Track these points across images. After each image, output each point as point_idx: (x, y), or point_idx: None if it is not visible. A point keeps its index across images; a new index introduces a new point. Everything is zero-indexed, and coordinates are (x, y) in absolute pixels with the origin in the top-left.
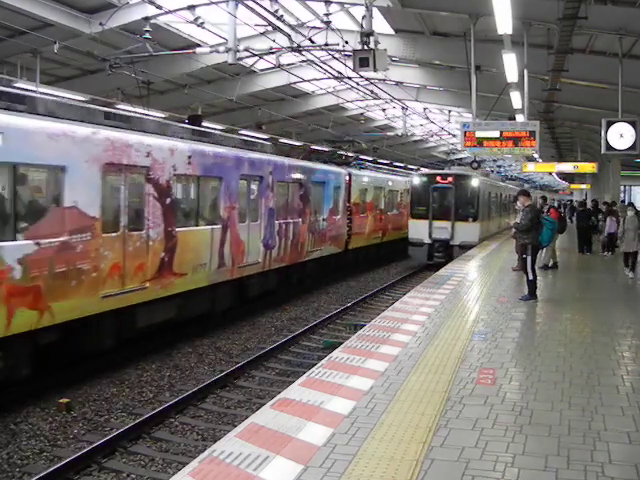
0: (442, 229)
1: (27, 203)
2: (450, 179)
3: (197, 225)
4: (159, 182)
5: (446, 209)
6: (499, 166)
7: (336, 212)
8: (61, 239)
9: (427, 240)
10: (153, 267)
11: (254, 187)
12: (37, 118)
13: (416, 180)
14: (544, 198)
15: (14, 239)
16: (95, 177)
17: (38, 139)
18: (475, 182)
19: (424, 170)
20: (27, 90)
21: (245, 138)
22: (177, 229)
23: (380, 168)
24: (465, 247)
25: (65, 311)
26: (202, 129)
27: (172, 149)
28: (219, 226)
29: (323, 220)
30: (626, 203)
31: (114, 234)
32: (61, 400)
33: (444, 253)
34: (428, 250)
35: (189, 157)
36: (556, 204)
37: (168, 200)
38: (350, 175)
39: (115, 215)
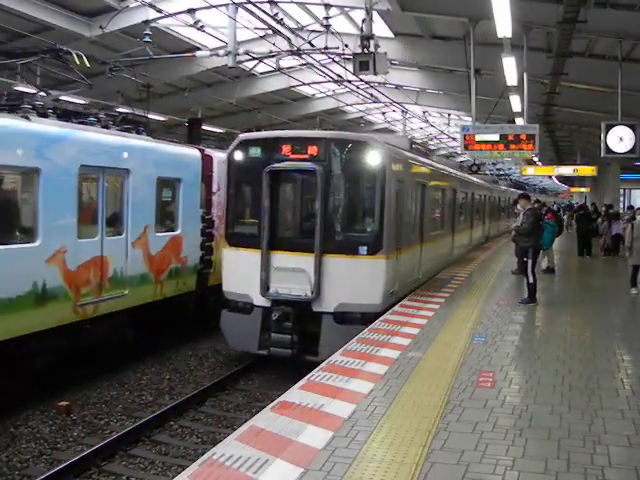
0: (293, 273)
1: None
2: (313, 150)
3: None
4: None
5: (304, 225)
6: (499, 169)
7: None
8: None
9: (258, 299)
10: None
11: None
12: None
13: (237, 155)
14: (538, 201)
15: None
16: None
17: None
18: (379, 158)
19: (254, 134)
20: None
21: None
22: None
23: None
24: (351, 319)
25: None
26: None
27: None
28: None
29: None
30: (628, 206)
31: None
32: (61, 403)
33: (296, 333)
34: (261, 323)
35: None
36: (555, 207)
37: None
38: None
39: None
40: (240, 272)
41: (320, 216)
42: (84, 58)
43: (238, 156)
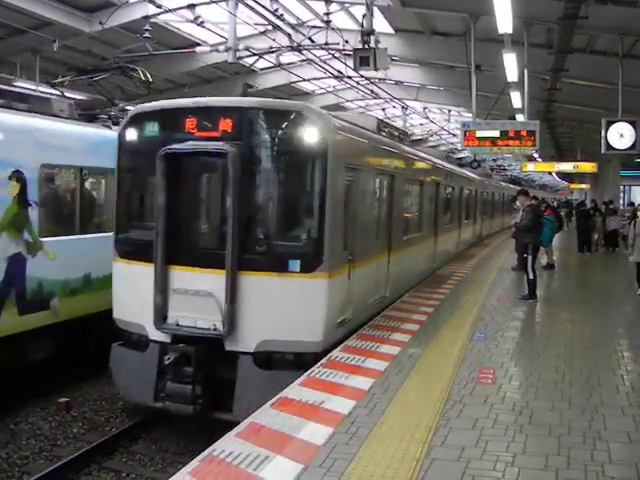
0: (198, 298)
1: None
2: (226, 124)
3: None
4: None
5: (213, 230)
6: (499, 166)
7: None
8: None
9: (155, 332)
10: None
11: None
12: None
13: (129, 135)
14: (535, 198)
15: None
16: None
17: None
18: (319, 136)
19: (151, 104)
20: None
21: None
22: None
23: None
24: (280, 362)
25: None
26: None
27: None
28: None
29: None
30: (628, 203)
31: None
32: (61, 400)
33: (201, 382)
34: (157, 365)
35: None
36: (555, 204)
37: None
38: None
39: None
40: (132, 293)
41: (233, 218)
42: (147, 74)
43: (131, 136)
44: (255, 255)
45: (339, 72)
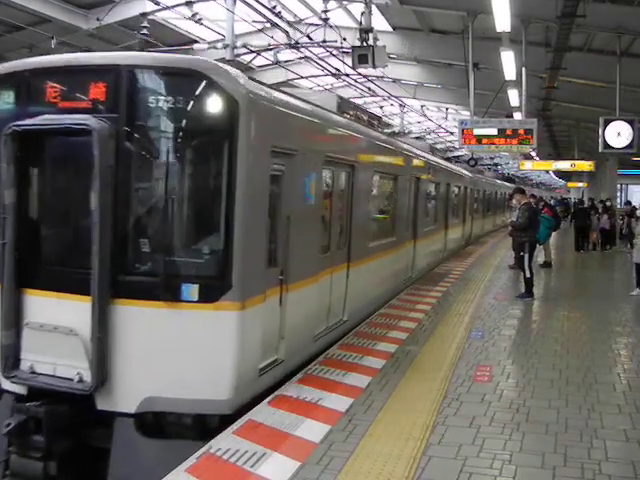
0: (57, 335)
1: None
2: (98, 91)
3: None
4: None
5: (78, 241)
6: (496, 164)
7: None
8: None
9: (4, 381)
10: None
11: None
12: None
13: None
14: (533, 196)
15: None
16: None
17: None
18: (229, 106)
19: (5, 65)
20: None
21: None
22: None
23: None
24: (173, 429)
25: None
26: None
27: None
28: None
29: None
30: (625, 202)
31: None
32: None
33: (58, 456)
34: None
35: None
36: (552, 202)
37: None
38: None
39: None
40: None
41: (101, 223)
42: None
43: None
44: (135, 276)
45: (337, 70)
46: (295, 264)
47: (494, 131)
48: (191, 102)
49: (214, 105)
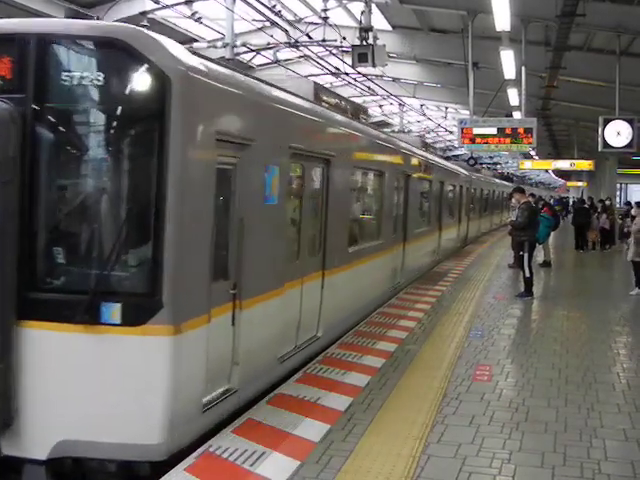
0: None
1: None
2: (4, 66)
3: None
4: None
5: None
6: (495, 163)
7: None
8: None
9: None
10: None
11: None
12: None
13: None
14: (533, 195)
15: None
16: None
17: None
18: (162, 82)
19: None
20: None
21: None
22: None
23: None
24: (99, 473)
25: None
26: None
27: None
28: None
29: None
30: (625, 202)
31: None
32: None
33: None
34: None
35: None
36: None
37: None
38: None
39: None
40: None
41: (0, 228)
42: None
43: None
44: (46, 293)
45: (336, 69)
46: (252, 276)
47: (493, 130)
48: (111, 79)
49: (139, 82)
